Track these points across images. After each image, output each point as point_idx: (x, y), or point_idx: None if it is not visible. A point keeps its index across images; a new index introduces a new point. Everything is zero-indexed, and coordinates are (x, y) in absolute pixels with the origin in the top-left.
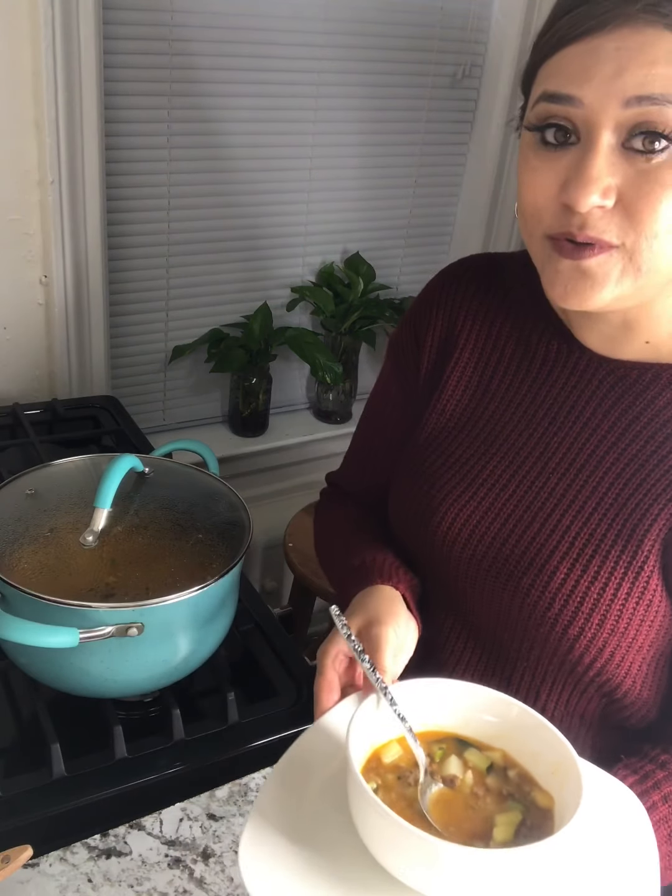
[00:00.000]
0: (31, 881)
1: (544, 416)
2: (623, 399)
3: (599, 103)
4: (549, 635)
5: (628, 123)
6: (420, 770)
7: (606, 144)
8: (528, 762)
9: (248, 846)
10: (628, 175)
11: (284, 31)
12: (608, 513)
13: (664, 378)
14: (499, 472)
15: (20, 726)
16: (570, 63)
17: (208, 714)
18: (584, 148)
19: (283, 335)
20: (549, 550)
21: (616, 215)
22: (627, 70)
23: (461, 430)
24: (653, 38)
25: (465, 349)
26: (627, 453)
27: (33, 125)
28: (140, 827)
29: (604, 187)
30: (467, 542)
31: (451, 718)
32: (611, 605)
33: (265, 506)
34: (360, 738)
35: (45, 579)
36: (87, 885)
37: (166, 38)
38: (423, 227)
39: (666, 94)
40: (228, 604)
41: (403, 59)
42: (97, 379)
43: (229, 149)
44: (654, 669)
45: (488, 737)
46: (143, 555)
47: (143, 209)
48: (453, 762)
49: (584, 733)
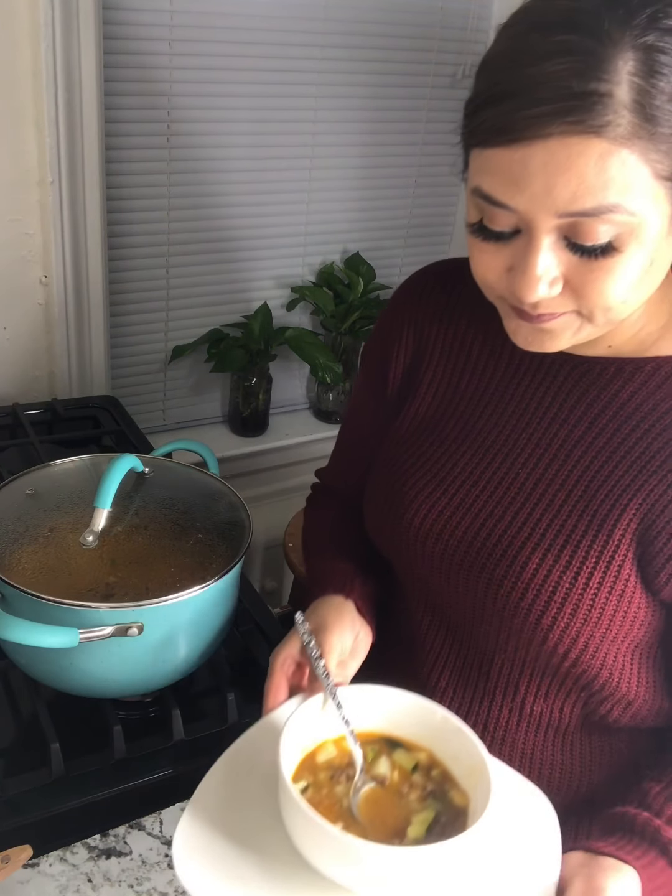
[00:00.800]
0: (31, 881)
1: (512, 413)
2: (588, 393)
3: (533, 214)
4: (524, 626)
5: (564, 228)
6: (357, 769)
7: (546, 243)
8: (450, 763)
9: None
10: (572, 264)
11: (284, 31)
12: (577, 505)
13: (626, 371)
14: (469, 468)
15: (20, 726)
16: (499, 167)
17: (208, 714)
18: (526, 241)
19: (283, 335)
20: (520, 542)
21: (567, 296)
22: (556, 187)
23: (432, 431)
24: (580, 148)
25: (434, 354)
26: (594, 446)
27: (33, 125)
28: (140, 827)
29: (549, 280)
30: (439, 537)
31: (383, 721)
32: (583, 594)
33: (265, 506)
34: (293, 739)
35: (45, 579)
36: (87, 885)
37: (166, 39)
38: (423, 227)
39: (597, 206)
40: (228, 604)
41: (403, 59)
42: (97, 379)
43: (229, 149)
44: (630, 662)
45: (416, 738)
46: (143, 555)
47: (143, 209)
48: (383, 762)
49: (565, 729)
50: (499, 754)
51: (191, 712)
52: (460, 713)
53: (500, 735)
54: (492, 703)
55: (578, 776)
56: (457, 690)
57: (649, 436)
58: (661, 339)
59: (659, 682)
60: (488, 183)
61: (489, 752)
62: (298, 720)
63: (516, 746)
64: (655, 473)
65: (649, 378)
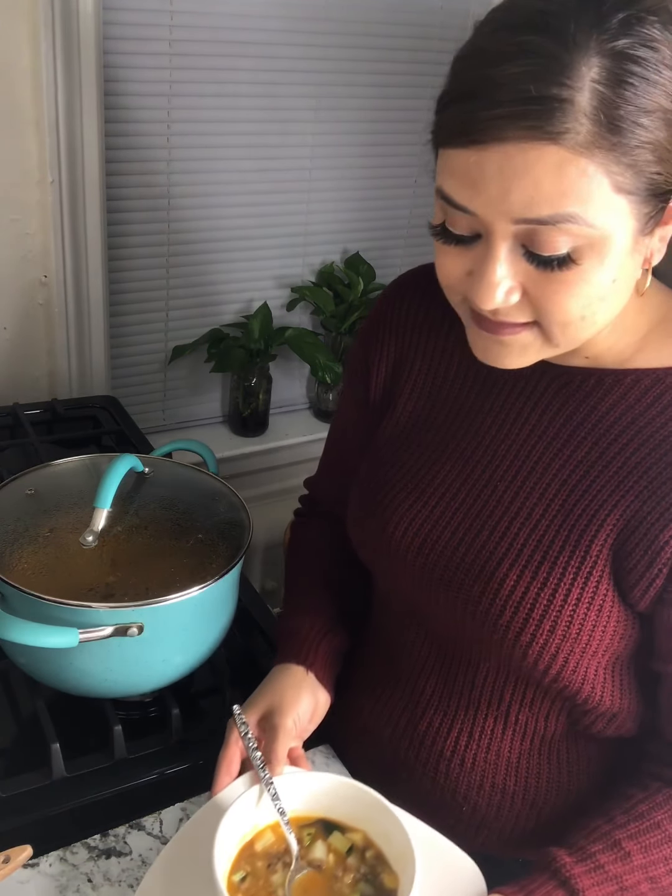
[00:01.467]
0: (31, 881)
1: (492, 424)
2: (567, 405)
3: (490, 218)
4: (503, 642)
5: (521, 235)
6: (293, 857)
7: (505, 250)
8: (382, 844)
9: None
10: (530, 274)
11: (284, 31)
12: (555, 519)
13: (606, 383)
14: (449, 480)
15: (20, 726)
16: (459, 168)
17: (208, 714)
18: (485, 246)
19: (283, 335)
20: (497, 558)
21: (525, 305)
22: (511, 192)
23: (412, 440)
24: (536, 154)
25: (415, 363)
26: (573, 460)
27: (33, 125)
28: (140, 827)
29: (506, 289)
30: (419, 551)
31: (319, 804)
32: (561, 611)
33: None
34: (228, 835)
35: (45, 579)
36: (87, 885)
37: (166, 39)
38: (423, 227)
39: (553, 214)
40: (228, 604)
41: (403, 59)
42: (97, 379)
43: (229, 149)
44: (612, 675)
45: (351, 820)
46: (143, 555)
47: (143, 209)
48: (319, 847)
49: (551, 737)
50: (485, 763)
51: (191, 712)
52: (446, 721)
53: (485, 743)
54: (477, 712)
55: (567, 784)
56: (442, 698)
57: (627, 450)
58: (641, 352)
59: (643, 693)
60: (449, 184)
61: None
62: (235, 813)
63: (502, 755)
64: (632, 489)
65: (628, 391)
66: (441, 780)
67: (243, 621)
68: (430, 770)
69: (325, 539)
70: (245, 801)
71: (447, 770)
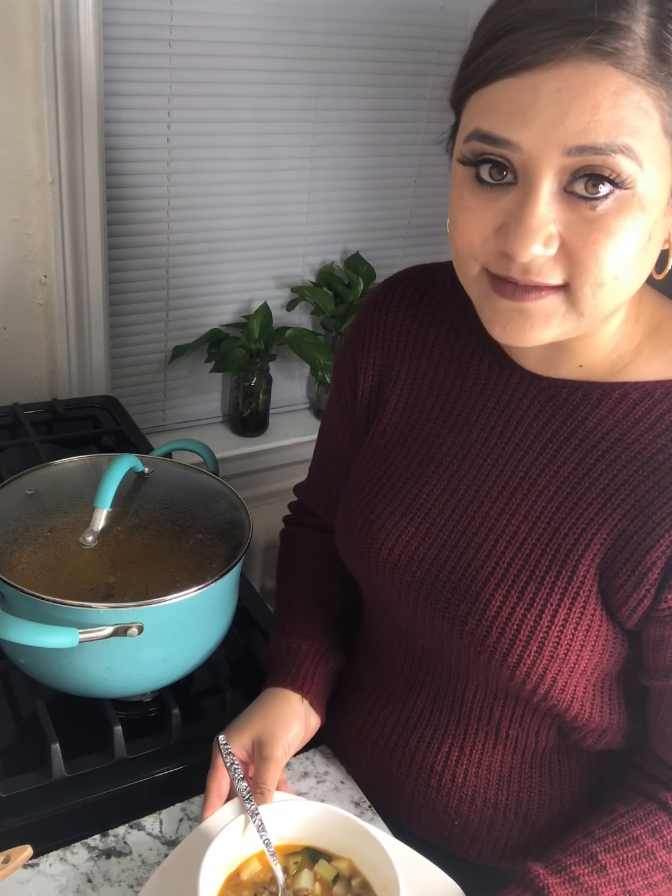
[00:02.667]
0: (31, 881)
1: (477, 437)
2: (553, 420)
3: (539, 150)
4: (490, 663)
5: (570, 169)
6: (279, 888)
7: (547, 190)
8: (368, 873)
9: None
10: (571, 222)
11: (284, 31)
12: (542, 538)
13: (593, 397)
14: (434, 496)
15: (20, 726)
16: (505, 100)
17: (208, 714)
18: (523, 191)
19: (283, 335)
20: (483, 577)
21: (560, 260)
22: (569, 115)
23: (398, 452)
24: (596, 77)
25: (401, 371)
26: (559, 476)
27: (33, 125)
28: (140, 827)
29: (545, 236)
30: (406, 568)
31: (306, 833)
32: (548, 631)
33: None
34: (214, 865)
35: (45, 579)
36: (87, 885)
37: (166, 39)
38: (423, 227)
39: (609, 143)
40: (228, 604)
41: (403, 59)
42: (97, 379)
43: (229, 149)
44: (601, 692)
45: (337, 848)
46: (143, 555)
47: (143, 209)
48: (305, 876)
49: (542, 752)
50: (476, 778)
51: (190, 712)
52: (436, 736)
53: (476, 758)
54: (467, 727)
55: (559, 797)
56: (433, 713)
57: (615, 467)
58: (632, 364)
59: (633, 707)
60: (490, 121)
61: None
62: (221, 842)
63: (493, 769)
64: (619, 507)
65: (616, 406)
66: (433, 794)
67: (243, 621)
68: (421, 784)
69: (317, 552)
70: (231, 831)
71: (438, 784)
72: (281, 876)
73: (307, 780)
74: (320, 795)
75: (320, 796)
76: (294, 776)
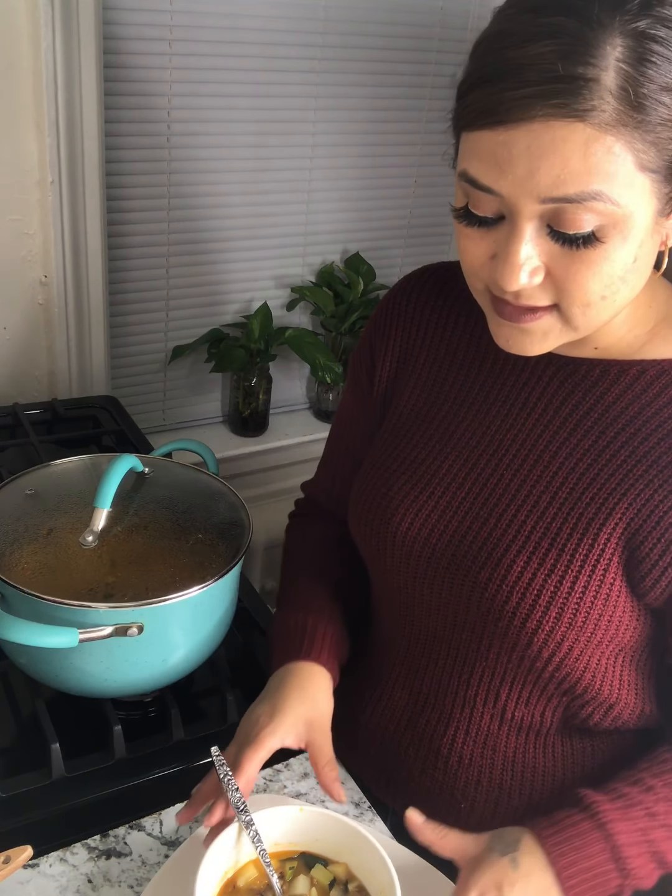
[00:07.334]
0: (31, 881)
1: (497, 414)
2: (573, 395)
3: (517, 198)
4: (508, 630)
5: (547, 214)
6: (275, 894)
7: (529, 230)
8: (365, 877)
9: None
10: (554, 254)
11: (284, 31)
12: (563, 507)
13: (611, 373)
14: (454, 470)
15: (20, 726)
16: (485, 150)
17: (208, 714)
18: (509, 228)
19: (283, 335)
20: (505, 544)
21: (548, 287)
22: (539, 171)
23: (416, 432)
24: (564, 133)
25: (420, 356)
26: (580, 448)
27: (33, 125)
28: (140, 827)
29: (531, 270)
30: (426, 542)
31: (302, 838)
32: (568, 597)
33: (265, 506)
34: (210, 874)
35: (45, 579)
36: (87, 885)
37: (166, 39)
38: (423, 227)
39: (580, 192)
40: (228, 604)
41: (403, 59)
42: (97, 379)
43: (229, 149)
44: (613, 666)
45: (333, 853)
46: (143, 555)
47: (143, 209)
48: (301, 881)
49: (546, 732)
50: (481, 758)
51: (190, 712)
52: (442, 719)
53: (481, 739)
54: (473, 710)
55: (561, 778)
56: (438, 696)
57: (635, 440)
58: (649, 343)
59: (641, 685)
60: (474, 166)
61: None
62: (217, 850)
63: (498, 749)
64: (641, 478)
65: (634, 381)
66: (440, 776)
67: (243, 621)
68: (429, 767)
69: (325, 537)
70: (226, 839)
71: (445, 766)
72: (277, 883)
73: (307, 780)
74: (320, 796)
75: (320, 796)
76: (294, 776)
